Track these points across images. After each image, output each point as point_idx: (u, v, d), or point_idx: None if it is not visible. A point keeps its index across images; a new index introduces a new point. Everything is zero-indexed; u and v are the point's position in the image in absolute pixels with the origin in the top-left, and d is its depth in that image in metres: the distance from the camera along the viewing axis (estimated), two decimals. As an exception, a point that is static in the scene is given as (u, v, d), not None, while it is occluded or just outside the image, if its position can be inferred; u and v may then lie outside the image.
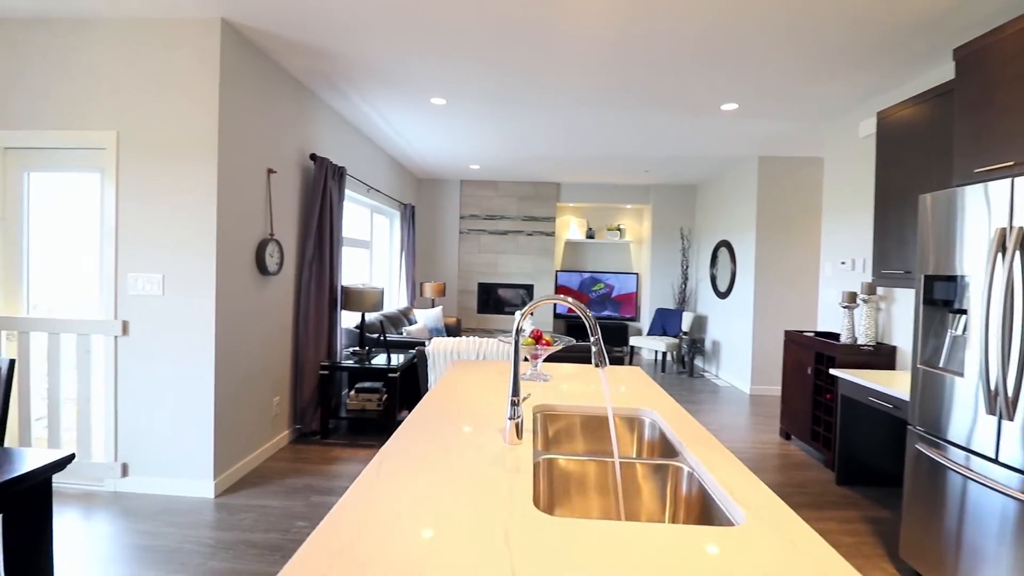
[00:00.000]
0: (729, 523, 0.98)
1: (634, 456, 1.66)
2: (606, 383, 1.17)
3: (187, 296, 2.78)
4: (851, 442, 3.19)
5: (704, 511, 1.13)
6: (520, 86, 3.59)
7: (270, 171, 3.28)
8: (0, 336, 2.81)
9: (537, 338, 2.02)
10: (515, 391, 1.29)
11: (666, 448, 1.47)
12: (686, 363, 6.59)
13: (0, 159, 2.84)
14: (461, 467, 1.15)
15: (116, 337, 2.80)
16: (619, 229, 7.84)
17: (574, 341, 2.25)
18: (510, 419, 1.30)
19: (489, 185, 7.49)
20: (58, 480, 2.85)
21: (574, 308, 1.27)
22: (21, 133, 2.77)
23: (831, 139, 4.22)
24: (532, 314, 7.47)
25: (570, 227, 7.96)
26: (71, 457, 1.52)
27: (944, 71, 2.98)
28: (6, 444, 2.87)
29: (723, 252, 6.36)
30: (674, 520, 1.25)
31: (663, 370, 6.64)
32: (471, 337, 3.52)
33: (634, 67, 3.20)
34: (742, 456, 3.69)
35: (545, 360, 3.18)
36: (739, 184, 5.98)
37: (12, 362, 1.74)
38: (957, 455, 1.95)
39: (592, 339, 1.21)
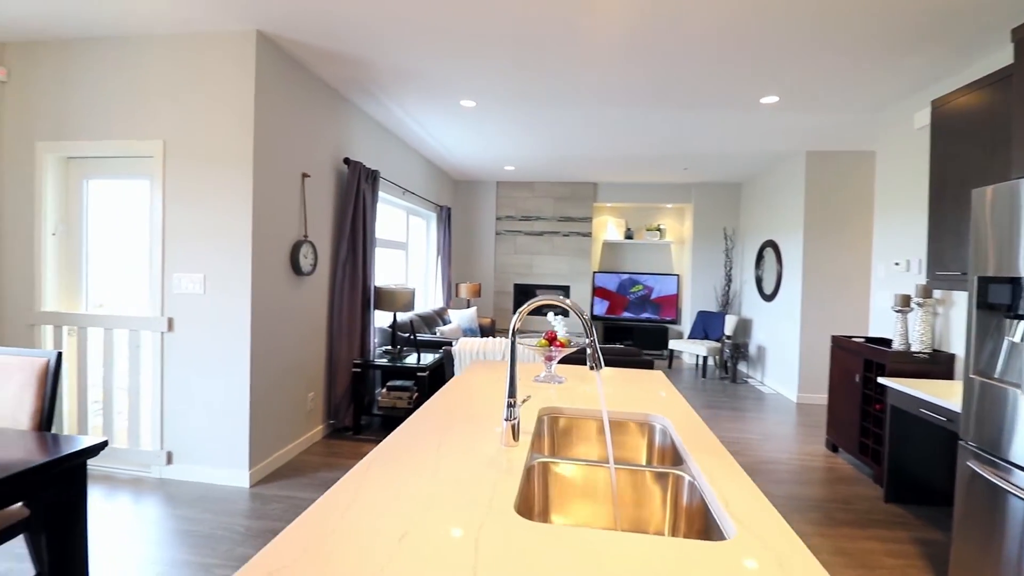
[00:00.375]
0: (722, 537, 0.92)
1: (643, 463, 1.60)
2: (601, 386, 1.13)
3: (226, 295, 2.93)
4: (902, 456, 2.97)
5: (704, 523, 1.07)
6: (548, 86, 3.56)
7: (304, 175, 3.40)
8: (62, 331, 3.06)
9: (551, 339, 1.99)
10: (511, 392, 1.27)
11: (676, 455, 1.41)
12: (729, 368, 6.33)
13: (63, 168, 3.10)
14: (452, 468, 1.14)
15: (162, 333, 2.98)
16: (659, 229, 7.63)
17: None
18: (506, 420, 1.28)
19: (524, 186, 7.48)
20: (112, 466, 3.07)
21: (571, 308, 1.24)
22: (81, 143, 3.00)
23: (883, 131, 3.94)
24: (560, 314, 7.38)
25: (608, 227, 7.82)
26: (104, 444, 1.62)
27: (1005, 55, 2.73)
28: (65, 431, 3.11)
29: (769, 252, 6.07)
30: (674, 531, 1.19)
31: (704, 375, 6.40)
32: (498, 338, 3.52)
33: (663, 61, 3.10)
34: (784, 468, 3.50)
35: (571, 363, 3.14)
36: (786, 181, 5.69)
37: (59, 355, 1.88)
38: (1020, 477, 1.77)
39: (587, 340, 1.17)
